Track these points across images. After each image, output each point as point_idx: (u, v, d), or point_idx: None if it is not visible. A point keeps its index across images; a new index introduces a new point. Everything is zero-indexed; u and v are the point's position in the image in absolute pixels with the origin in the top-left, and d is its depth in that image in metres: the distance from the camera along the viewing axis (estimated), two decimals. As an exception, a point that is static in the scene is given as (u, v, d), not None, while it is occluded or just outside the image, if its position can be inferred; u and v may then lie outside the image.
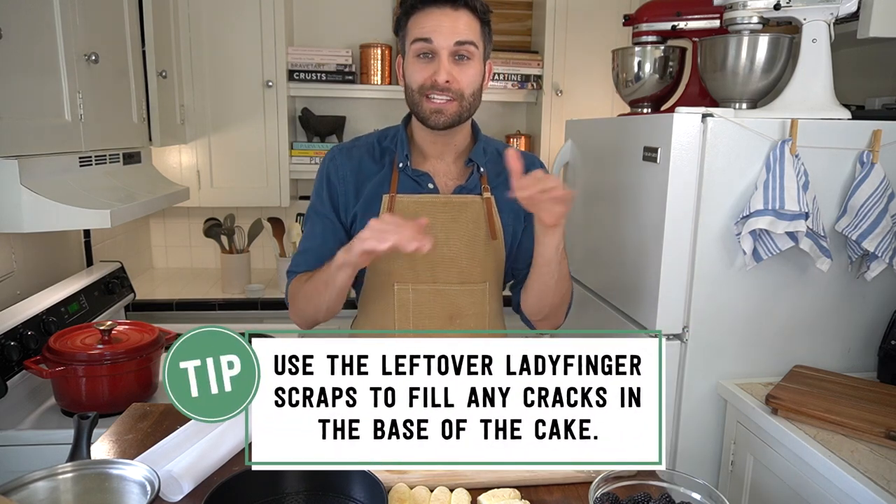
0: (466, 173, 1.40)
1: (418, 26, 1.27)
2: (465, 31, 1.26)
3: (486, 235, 1.38)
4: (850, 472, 1.20)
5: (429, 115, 1.29)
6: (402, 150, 1.38)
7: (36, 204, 1.41)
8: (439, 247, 1.34)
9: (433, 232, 1.32)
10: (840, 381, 1.53)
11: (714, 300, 1.59)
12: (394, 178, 1.37)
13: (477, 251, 1.38)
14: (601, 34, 2.73)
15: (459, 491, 0.98)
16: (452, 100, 1.28)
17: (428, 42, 1.26)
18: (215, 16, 2.54)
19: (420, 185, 1.37)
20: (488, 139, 1.46)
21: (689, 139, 1.52)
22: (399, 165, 1.37)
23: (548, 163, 2.80)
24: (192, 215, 2.96)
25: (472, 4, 1.28)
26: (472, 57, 1.29)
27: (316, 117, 2.81)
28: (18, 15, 1.40)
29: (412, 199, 1.36)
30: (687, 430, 1.64)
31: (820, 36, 1.56)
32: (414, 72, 1.30)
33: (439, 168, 1.40)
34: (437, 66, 1.26)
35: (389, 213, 1.27)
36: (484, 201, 1.38)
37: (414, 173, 1.37)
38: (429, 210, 1.35)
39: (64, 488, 0.89)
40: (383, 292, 1.39)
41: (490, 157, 1.42)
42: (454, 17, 1.26)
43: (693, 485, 0.89)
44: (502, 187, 1.38)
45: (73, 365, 1.47)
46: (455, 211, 1.37)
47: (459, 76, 1.28)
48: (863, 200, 1.50)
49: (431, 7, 1.27)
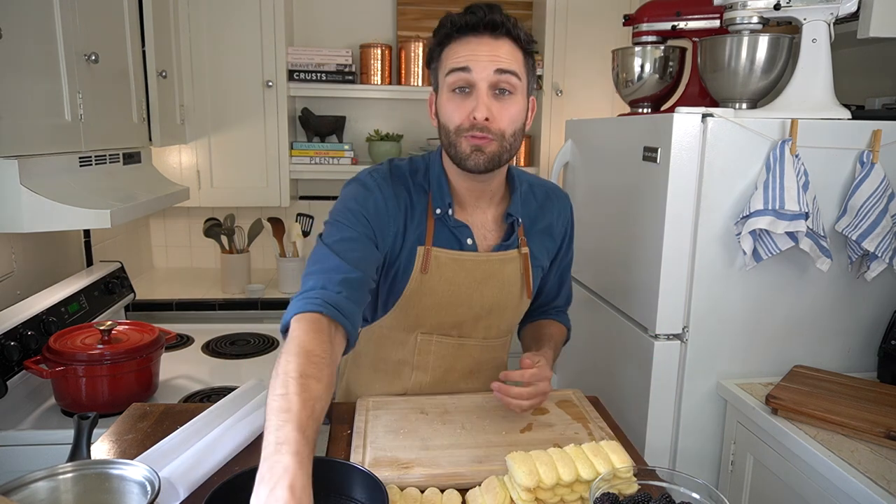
0: (505, 227, 1.29)
1: (454, 56, 1.14)
2: (506, 60, 1.12)
3: (521, 292, 1.31)
4: (850, 472, 1.20)
5: (468, 154, 1.15)
6: (444, 196, 1.23)
7: (36, 204, 1.41)
8: (471, 306, 1.28)
9: (467, 291, 1.27)
10: (840, 381, 1.53)
11: (714, 300, 1.59)
12: (429, 227, 1.23)
13: (507, 309, 1.32)
14: (601, 34, 2.73)
15: (450, 492, 0.98)
16: (492, 139, 1.14)
17: (465, 72, 1.12)
18: (215, 16, 2.54)
19: (459, 239, 1.25)
20: (520, 176, 1.34)
21: (689, 139, 1.52)
22: (436, 212, 1.23)
23: (548, 163, 2.80)
24: (192, 215, 2.96)
25: (515, 33, 1.14)
26: (515, 91, 1.15)
27: (316, 117, 2.81)
28: (18, 15, 1.40)
29: (450, 255, 1.24)
30: (687, 430, 1.64)
31: (820, 36, 1.56)
32: (450, 110, 1.16)
33: (477, 218, 1.28)
34: (476, 101, 1.13)
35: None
36: (521, 257, 1.29)
37: (454, 224, 1.24)
38: (467, 268, 1.25)
39: (64, 488, 0.89)
40: (404, 338, 1.32)
41: (524, 200, 1.31)
42: (494, 46, 1.12)
43: (693, 485, 0.89)
44: (537, 237, 1.33)
45: (73, 365, 1.47)
46: (492, 270, 1.27)
47: (500, 114, 1.14)
48: (863, 200, 1.50)
49: (469, 35, 1.13)
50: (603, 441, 1.03)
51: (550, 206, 1.36)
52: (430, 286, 1.25)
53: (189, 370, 1.84)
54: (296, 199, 2.94)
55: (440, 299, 1.26)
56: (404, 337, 1.32)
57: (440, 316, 1.28)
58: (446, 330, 1.31)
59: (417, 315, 1.28)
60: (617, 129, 1.90)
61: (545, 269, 1.38)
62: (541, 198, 1.35)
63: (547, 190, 1.38)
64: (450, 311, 1.28)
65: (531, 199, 1.34)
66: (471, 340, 1.33)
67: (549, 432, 1.17)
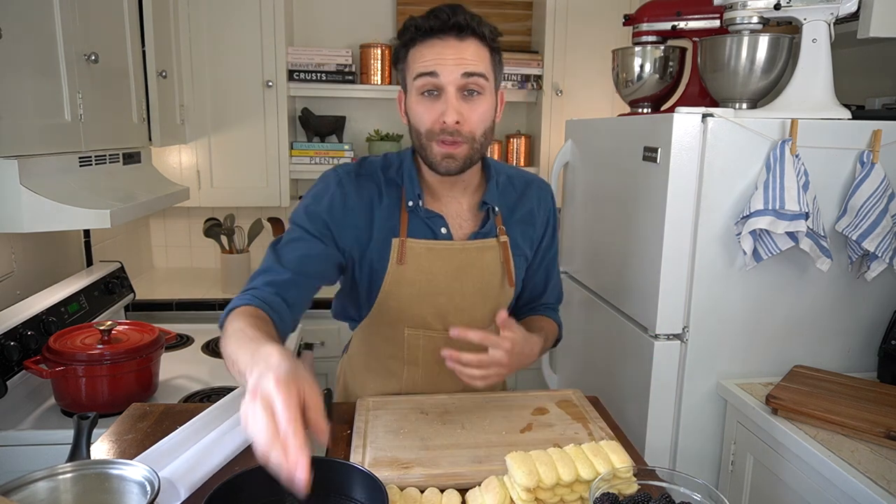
0: (481, 216, 1.31)
1: (420, 59, 1.15)
2: (473, 62, 1.14)
3: (502, 281, 1.32)
4: (850, 472, 1.20)
5: (439, 161, 1.18)
6: (413, 188, 1.26)
7: (36, 204, 1.41)
8: (452, 296, 1.29)
9: (445, 281, 1.28)
10: (840, 381, 1.53)
11: (714, 300, 1.59)
12: (403, 220, 1.26)
13: (489, 299, 1.32)
14: (601, 34, 2.73)
15: (450, 492, 0.98)
16: (462, 142, 1.17)
17: (433, 76, 1.14)
18: (215, 16, 2.54)
19: (433, 229, 1.27)
20: (497, 167, 1.36)
21: (689, 139, 1.52)
22: (409, 205, 1.26)
23: (548, 163, 2.80)
24: (192, 215, 2.96)
25: (480, 31, 1.15)
26: (483, 91, 1.16)
27: (316, 117, 2.81)
28: (18, 15, 1.40)
29: (425, 245, 1.26)
30: (687, 430, 1.64)
31: (820, 36, 1.56)
32: (420, 113, 1.17)
33: (451, 208, 1.29)
34: (445, 104, 1.14)
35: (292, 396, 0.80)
36: (500, 245, 1.30)
37: (426, 215, 1.27)
38: (443, 257, 1.27)
39: (64, 488, 0.89)
40: (393, 334, 1.33)
41: (501, 189, 1.33)
42: (460, 48, 1.13)
43: (693, 485, 0.89)
44: (517, 226, 1.34)
45: (73, 365, 1.47)
46: (470, 259, 1.28)
47: (470, 115, 1.16)
48: (863, 200, 1.50)
49: (434, 38, 1.14)
50: (603, 441, 1.03)
51: (530, 194, 1.37)
52: (408, 277, 1.27)
53: (189, 370, 1.84)
54: (296, 199, 2.93)
55: (419, 289, 1.28)
56: (391, 333, 1.33)
57: (421, 307, 1.29)
58: (430, 322, 1.31)
59: (399, 308, 1.29)
60: (617, 129, 1.90)
61: (529, 258, 1.39)
62: (520, 187, 1.37)
63: (527, 180, 1.40)
64: (430, 302, 1.29)
65: (510, 190, 1.35)
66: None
67: (549, 432, 1.16)
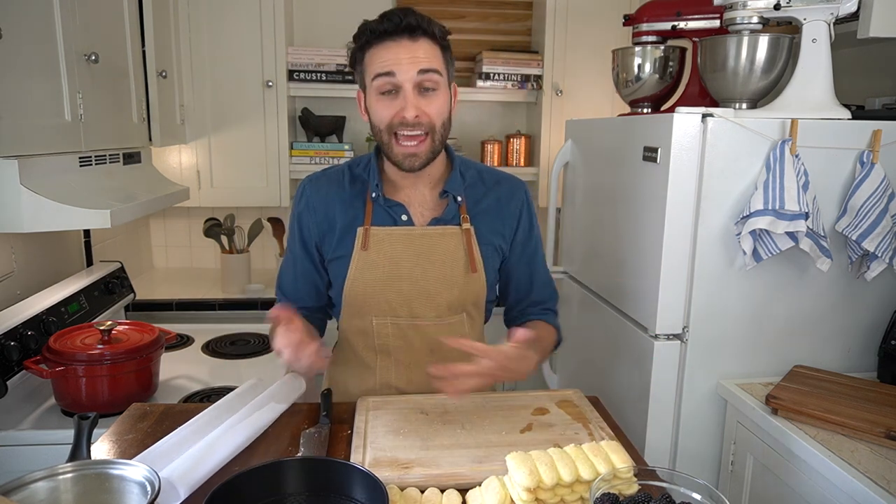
0: (443, 203, 1.35)
1: (377, 61, 1.22)
2: (426, 60, 1.21)
3: (465, 268, 1.34)
4: (850, 472, 1.20)
5: (402, 159, 1.26)
6: (374, 179, 1.34)
7: (36, 204, 1.41)
8: (415, 281, 1.32)
9: (408, 266, 1.32)
10: (840, 381, 1.53)
11: (714, 300, 1.59)
12: (367, 210, 1.33)
13: (454, 285, 1.34)
14: (601, 34, 2.73)
15: (450, 492, 0.98)
16: (424, 137, 1.24)
17: (390, 76, 1.21)
18: (215, 16, 2.54)
19: (393, 217, 1.33)
20: (466, 162, 1.41)
21: (689, 139, 1.52)
22: (372, 196, 1.33)
23: (548, 163, 2.80)
24: (192, 215, 2.96)
25: (431, 31, 1.23)
26: (438, 86, 1.24)
27: (316, 117, 2.81)
28: (18, 15, 1.40)
29: (386, 231, 1.32)
30: (687, 430, 1.64)
31: (820, 36, 1.56)
32: (380, 110, 1.24)
33: (414, 198, 1.35)
34: (404, 101, 1.21)
35: (288, 328, 1.16)
36: (463, 233, 1.34)
37: (387, 203, 1.33)
38: (403, 243, 1.32)
39: (64, 488, 0.89)
40: (363, 325, 1.37)
41: (469, 183, 1.38)
42: (413, 48, 1.21)
43: (693, 485, 0.89)
44: (483, 217, 1.37)
45: (73, 365, 1.47)
46: (431, 244, 1.33)
47: (428, 108, 1.23)
48: (863, 200, 1.50)
49: (388, 40, 1.21)
50: (603, 441, 1.03)
51: (499, 189, 1.41)
52: (372, 261, 1.32)
53: (189, 370, 1.84)
54: (296, 199, 2.93)
55: (382, 273, 1.32)
56: (361, 324, 1.37)
57: (386, 293, 1.33)
58: (396, 309, 1.34)
59: (365, 293, 1.33)
60: (617, 129, 1.90)
61: (503, 251, 1.40)
62: (490, 183, 1.41)
63: (498, 177, 1.43)
64: (394, 288, 1.33)
65: (479, 184, 1.39)
66: (423, 321, 1.35)
67: (549, 432, 1.16)
